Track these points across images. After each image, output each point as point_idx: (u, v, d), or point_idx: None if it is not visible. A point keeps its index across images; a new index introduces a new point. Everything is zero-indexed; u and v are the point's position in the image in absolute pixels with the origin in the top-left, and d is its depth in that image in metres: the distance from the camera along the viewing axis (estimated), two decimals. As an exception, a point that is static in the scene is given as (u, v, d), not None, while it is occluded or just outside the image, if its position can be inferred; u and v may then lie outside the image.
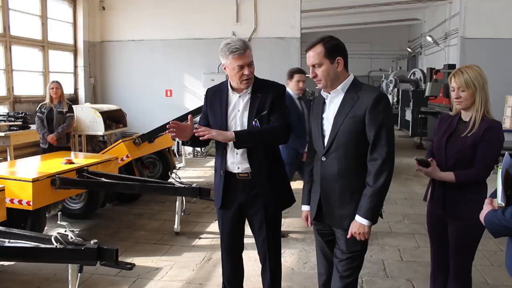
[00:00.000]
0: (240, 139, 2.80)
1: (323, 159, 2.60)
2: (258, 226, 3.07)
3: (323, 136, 2.62)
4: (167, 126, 2.83)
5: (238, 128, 2.90)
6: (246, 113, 2.92)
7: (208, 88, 3.15)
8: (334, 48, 2.51)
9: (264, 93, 2.92)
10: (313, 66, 2.54)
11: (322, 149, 2.60)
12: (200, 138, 2.80)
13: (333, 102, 2.61)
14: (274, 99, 2.91)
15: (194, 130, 2.82)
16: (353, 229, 2.51)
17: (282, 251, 4.69)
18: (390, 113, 2.57)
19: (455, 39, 13.88)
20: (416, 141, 12.86)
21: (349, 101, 2.53)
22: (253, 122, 2.88)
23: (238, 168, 2.95)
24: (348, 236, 2.54)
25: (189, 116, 3.07)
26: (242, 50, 2.80)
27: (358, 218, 2.49)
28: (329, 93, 2.62)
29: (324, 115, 2.65)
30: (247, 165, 2.93)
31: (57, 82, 6.83)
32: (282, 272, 4.13)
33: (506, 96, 9.08)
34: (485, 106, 2.76)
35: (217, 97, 3.02)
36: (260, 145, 2.94)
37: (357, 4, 15.85)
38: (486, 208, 1.95)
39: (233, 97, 2.97)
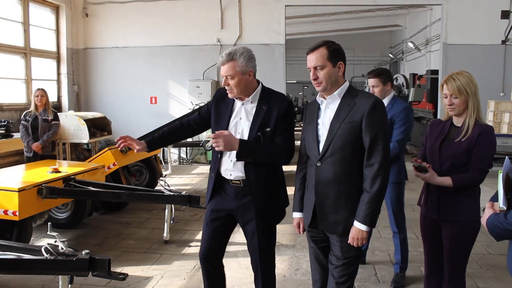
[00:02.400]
0: (242, 153, 2.80)
1: (318, 164, 2.60)
2: (250, 235, 3.03)
3: (318, 142, 2.62)
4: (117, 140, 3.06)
5: (238, 136, 2.88)
6: (248, 123, 2.90)
7: (221, 87, 3.10)
8: (337, 52, 2.54)
9: (270, 107, 2.89)
10: (315, 68, 2.54)
11: (317, 154, 2.60)
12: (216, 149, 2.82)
13: (328, 108, 2.62)
14: (280, 116, 2.87)
15: (212, 140, 2.79)
16: (352, 234, 2.51)
17: (273, 258, 4.71)
18: (386, 120, 2.59)
19: (436, 45, 14.11)
20: (400, 146, 12.96)
21: (345, 106, 2.54)
22: (255, 136, 2.87)
23: (231, 175, 2.93)
24: (348, 242, 2.53)
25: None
26: (222, 61, 2.82)
27: (356, 224, 2.50)
28: (324, 99, 2.63)
29: (319, 121, 2.65)
30: (240, 174, 2.90)
31: (42, 90, 6.72)
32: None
33: (488, 101, 9.27)
34: (477, 111, 2.80)
35: (225, 100, 3.01)
36: (259, 162, 2.93)
37: (340, 11, 16.00)
38: (488, 212, 1.97)
39: (237, 103, 2.96)
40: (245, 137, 2.87)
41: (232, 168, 2.92)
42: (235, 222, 3.09)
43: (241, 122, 2.93)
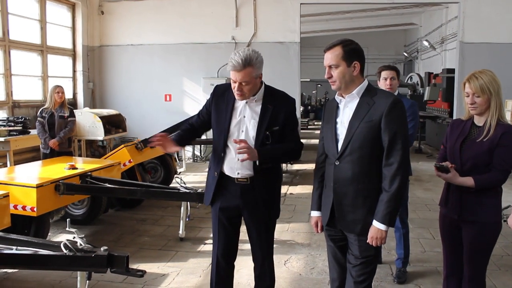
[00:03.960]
0: (263, 160, 2.85)
1: (337, 163, 2.59)
2: (258, 231, 3.06)
3: (336, 140, 2.61)
4: (153, 139, 3.04)
5: (242, 135, 2.89)
6: (254, 122, 2.90)
7: (218, 85, 3.12)
8: (352, 52, 2.52)
9: (275, 106, 2.91)
10: (330, 67, 2.54)
11: (335, 153, 2.59)
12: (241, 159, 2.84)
13: (347, 107, 2.60)
14: (287, 115, 2.94)
15: (240, 147, 2.77)
16: (371, 234, 2.50)
17: (288, 256, 4.74)
18: (405, 119, 2.57)
19: (451, 43, 13.96)
20: (415, 145, 12.87)
21: (364, 105, 2.53)
22: (264, 134, 2.88)
23: (238, 173, 2.93)
24: (367, 241, 2.52)
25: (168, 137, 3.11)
26: (237, 67, 2.75)
27: (375, 223, 2.48)
28: (343, 98, 2.61)
29: (338, 119, 2.64)
30: (248, 172, 2.92)
31: (62, 87, 6.77)
32: (289, 279, 4.19)
33: (506, 100, 9.14)
34: (500, 111, 2.75)
35: (225, 97, 2.99)
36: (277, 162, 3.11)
37: (354, 9, 15.90)
38: None
39: (240, 102, 2.94)
40: (250, 135, 2.89)
41: (239, 167, 2.93)
42: (241, 219, 3.12)
43: (245, 120, 2.93)
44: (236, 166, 2.93)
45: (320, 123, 2.91)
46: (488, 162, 2.72)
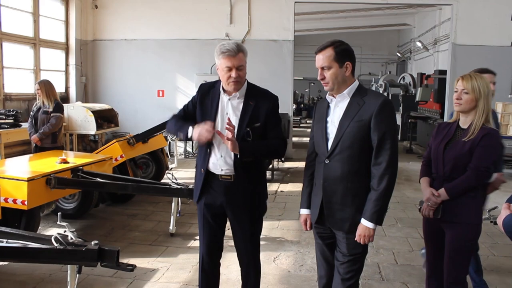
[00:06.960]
0: (243, 154, 2.84)
1: (327, 161, 2.62)
2: (241, 231, 3.07)
3: (327, 139, 2.65)
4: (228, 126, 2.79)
5: (225, 131, 2.88)
6: (235, 119, 2.91)
7: (203, 83, 3.14)
8: (344, 53, 2.55)
9: (257, 102, 2.93)
10: (322, 68, 2.58)
11: (325, 152, 2.63)
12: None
13: (338, 106, 2.64)
14: (269, 112, 2.94)
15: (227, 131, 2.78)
16: (359, 232, 2.54)
17: (278, 253, 4.77)
18: (395, 119, 2.62)
19: (444, 45, 14.07)
20: (406, 145, 12.97)
21: (355, 105, 2.57)
22: (245, 131, 2.89)
23: (222, 170, 2.94)
24: (355, 239, 2.56)
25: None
26: (232, 51, 2.79)
27: (363, 222, 2.53)
28: (334, 97, 2.65)
29: (328, 119, 2.68)
30: (230, 168, 2.92)
31: (38, 83, 6.51)
32: (277, 275, 4.22)
33: (496, 103, 9.25)
34: (486, 116, 2.80)
35: (209, 95, 3.01)
36: (259, 159, 3.04)
37: (348, 8, 15.97)
38: (504, 213, 1.97)
39: (224, 98, 2.96)
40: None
41: (222, 163, 2.93)
42: (226, 217, 3.11)
43: (228, 117, 2.93)
44: (218, 162, 2.94)
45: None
46: (468, 164, 2.77)
